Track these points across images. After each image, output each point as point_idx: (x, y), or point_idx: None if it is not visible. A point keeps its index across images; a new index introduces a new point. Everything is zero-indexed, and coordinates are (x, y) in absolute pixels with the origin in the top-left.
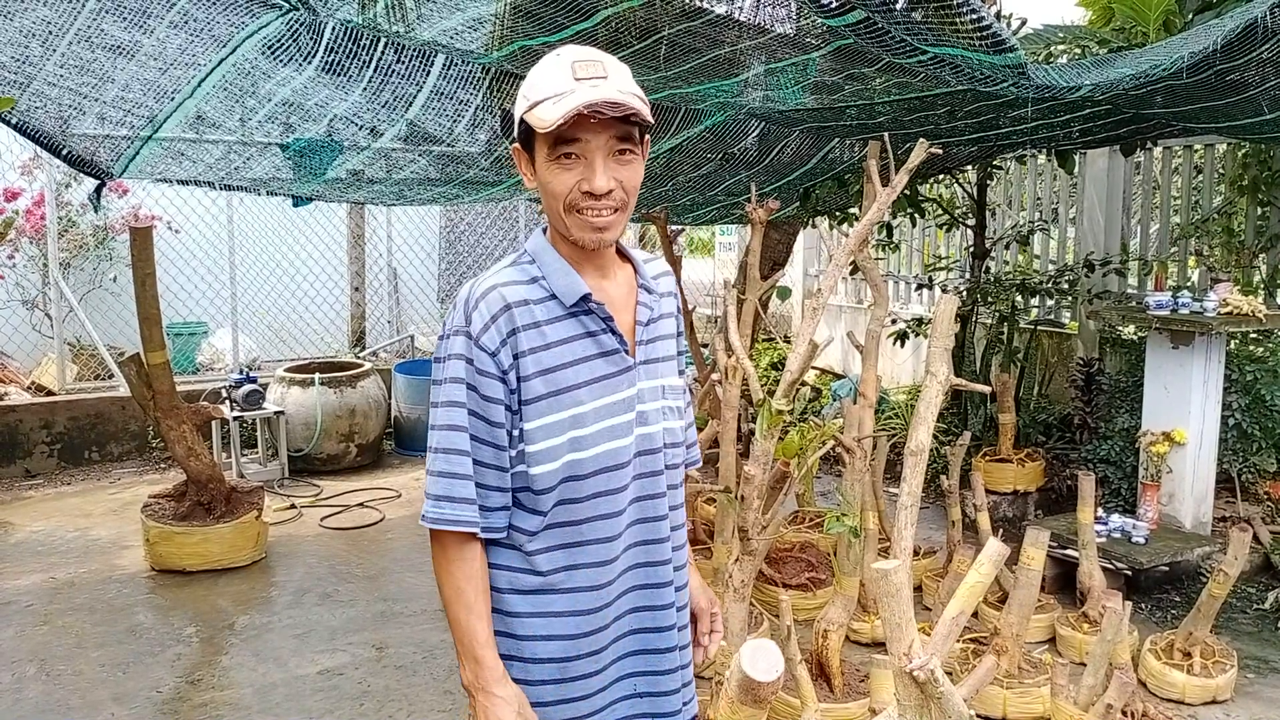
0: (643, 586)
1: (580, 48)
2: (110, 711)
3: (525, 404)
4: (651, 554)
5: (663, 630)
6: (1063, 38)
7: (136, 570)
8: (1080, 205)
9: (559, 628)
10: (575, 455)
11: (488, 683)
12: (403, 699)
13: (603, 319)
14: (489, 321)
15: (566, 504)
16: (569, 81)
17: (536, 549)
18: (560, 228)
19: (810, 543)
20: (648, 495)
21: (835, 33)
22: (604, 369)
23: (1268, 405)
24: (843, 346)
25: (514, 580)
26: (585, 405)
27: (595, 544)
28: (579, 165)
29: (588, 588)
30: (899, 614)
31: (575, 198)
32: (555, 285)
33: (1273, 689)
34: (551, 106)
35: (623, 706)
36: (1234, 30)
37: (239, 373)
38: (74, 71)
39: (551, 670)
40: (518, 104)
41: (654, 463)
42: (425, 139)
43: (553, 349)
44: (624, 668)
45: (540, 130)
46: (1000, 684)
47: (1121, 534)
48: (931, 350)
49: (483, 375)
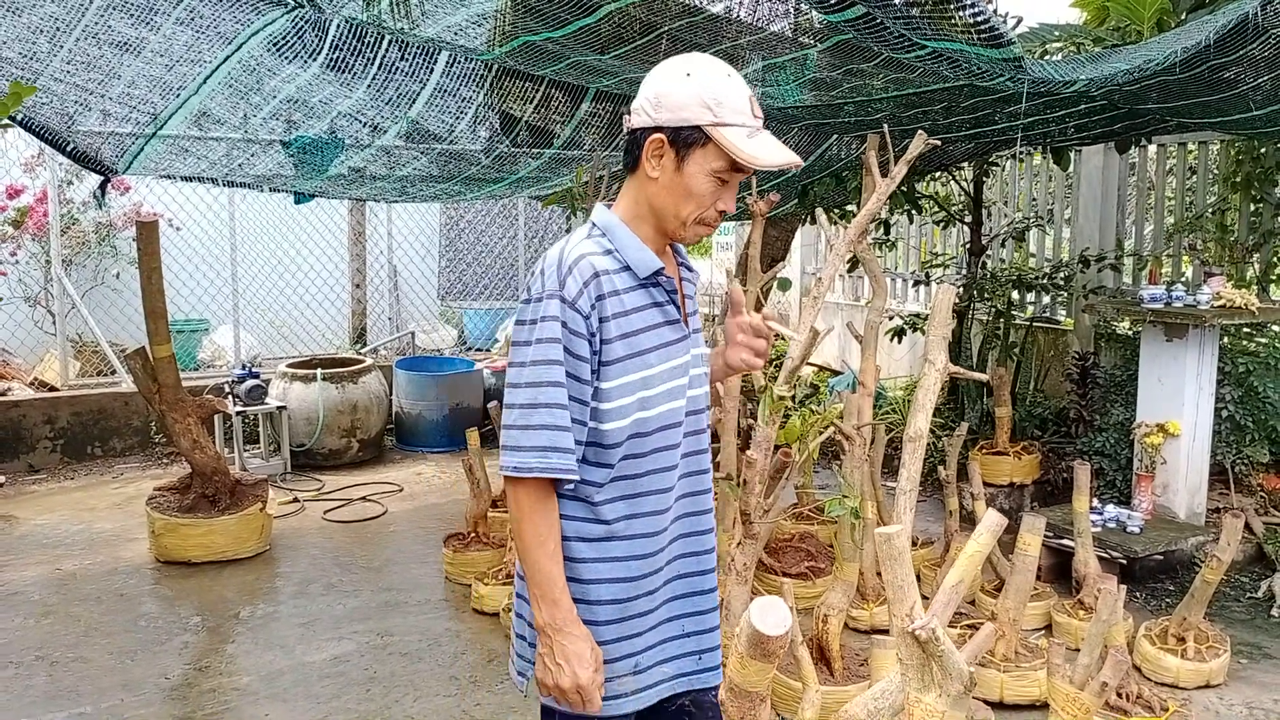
0: (689, 534)
1: (738, 76)
2: (119, 698)
3: (605, 364)
4: (697, 504)
5: (706, 573)
6: (1058, 36)
7: (141, 562)
8: (1075, 203)
9: (620, 572)
10: (642, 414)
11: (564, 622)
12: (408, 685)
13: (669, 291)
14: (582, 287)
15: (631, 459)
16: (750, 116)
17: (603, 500)
18: (673, 224)
19: (810, 533)
20: (695, 451)
21: (835, 28)
22: (669, 335)
23: (1260, 397)
24: (840, 343)
25: (580, 529)
26: (654, 368)
27: (654, 495)
28: (725, 187)
29: (646, 535)
30: (901, 577)
31: (709, 214)
32: (630, 258)
33: (1265, 674)
34: (749, 140)
35: (672, 646)
36: (1226, 25)
37: (241, 368)
38: (80, 68)
39: (613, 611)
40: (690, 107)
41: (699, 422)
42: (427, 137)
43: (630, 315)
44: (673, 609)
45: (746, 163)
46: (997, 668)
47: (1116, 524)
48: (930, 339)
49: (575, 336)
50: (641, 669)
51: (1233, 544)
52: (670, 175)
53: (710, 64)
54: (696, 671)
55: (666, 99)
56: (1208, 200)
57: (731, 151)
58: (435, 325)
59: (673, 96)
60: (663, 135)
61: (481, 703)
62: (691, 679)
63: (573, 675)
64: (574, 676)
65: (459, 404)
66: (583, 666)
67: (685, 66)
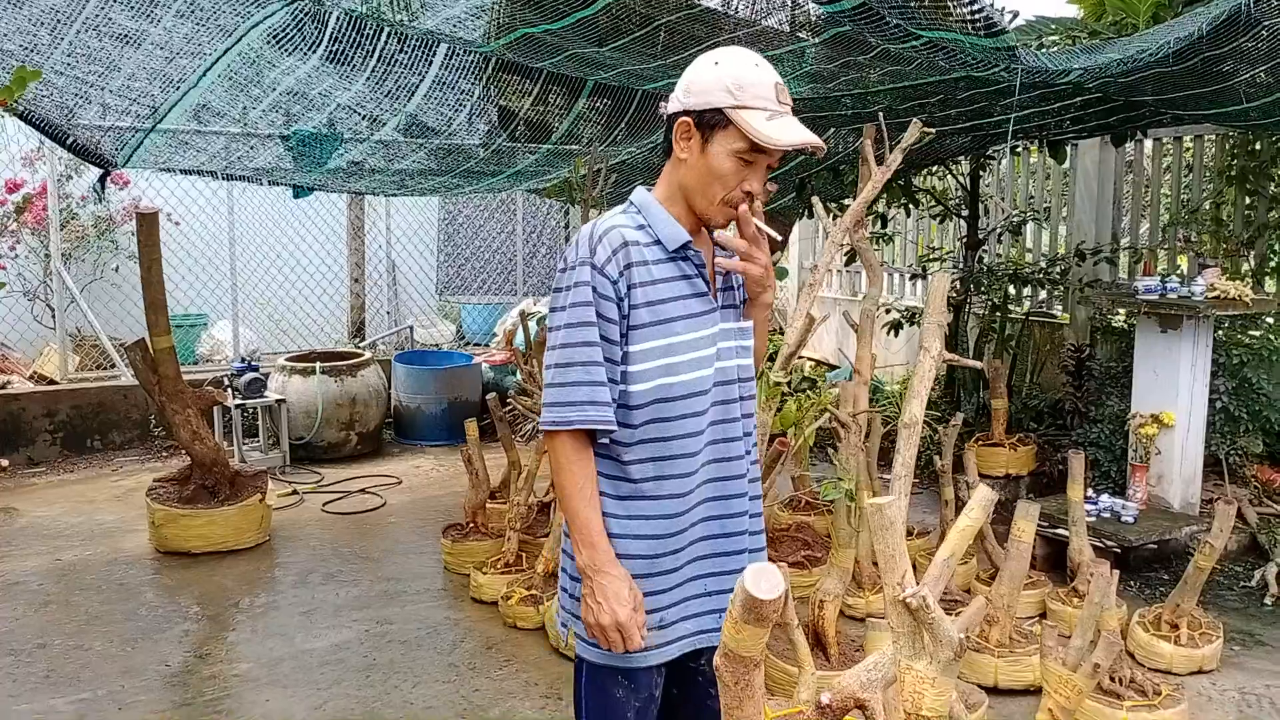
0: (718, 498)
1: (769, 66)
2: (119, 684)
3: (631, 329)
4: (726, 470)
5: (733, 535)
6: (1054, 29)
7: (141, 553)
8: (1072, 198)
9: (647, 529)
10: (666, 379)
11: (603, 564)
12: (407, 671)
13: (697, 265)
14: (611, 255)
15: (657, 422)
16: (776, 101)
17: (631, 459)
18: (702, 205)
19: (806, 523)
20: (724, 420)
21: (832, 20)
22: (696, 307)
23: (1254, 389)
24: (838, 338)
25: (614, 486)
26: (678, 336)
27: (681, 458)
28: (750, 168)
29: (673, 495)
30: (893, 545)
31: (736, 195)
32: (660, 233)
33: (1257, 660)
34: (768, 122)
35: (694, 604)
36: (1219, 17)
37: (240, 361)
38: (81, 60)
39: (640, 565)
40: (713, 91)
41: (729, 392)
42: (425, 130)
43: (657, 285)
44: (699, 568)
45: (762, 143)
46: (992, 653)
47: (1111, 513)
48: (925, 326)
49: (604, 299)
50: (666, 624)
51: (1225, 531)
52: (697, 157)
53: (740, 54)
54: (716, 629)
55: (694, 85)
56: (1203, 194)
57: (748, 131)
58: (434, 320)
59: (700, 82)
60: (689, 118)
61: (480, 689)
62: (710, 635)
63: (612, 612)
64: (613, 614)
65: (457, 398)
66: (621, 604)
67: (716, 56)
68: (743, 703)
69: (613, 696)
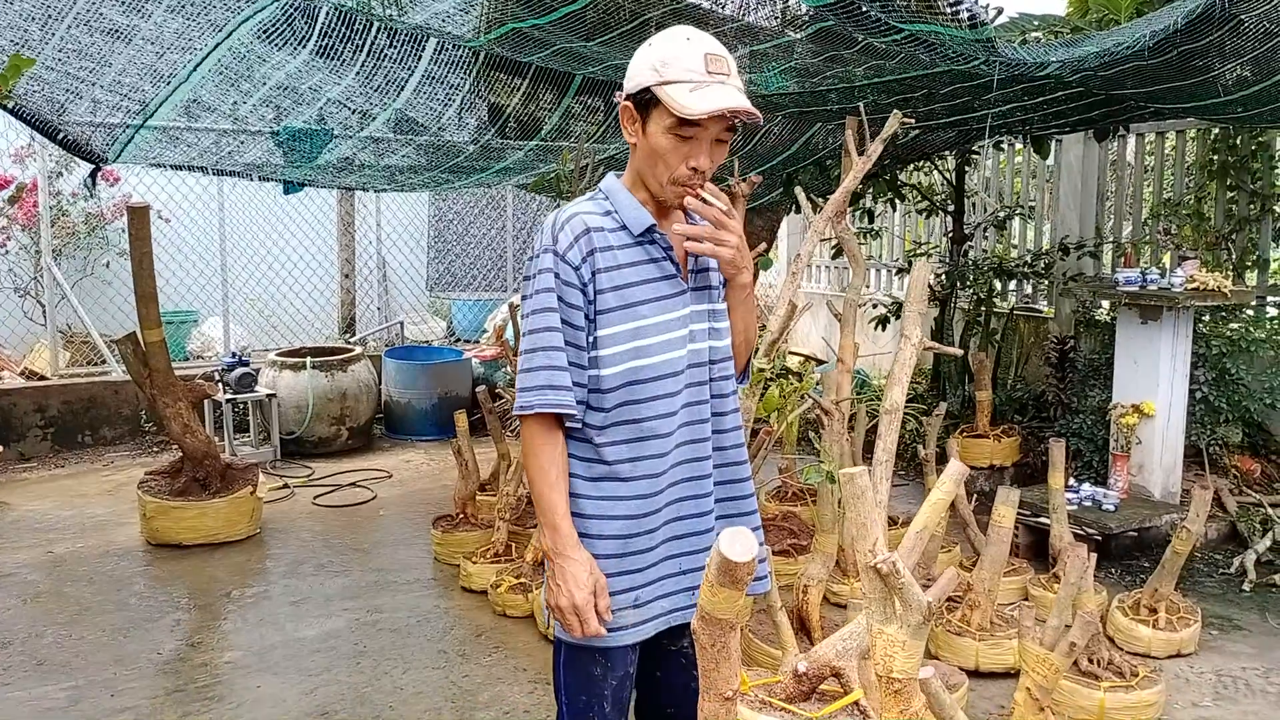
0: (691, 479)
1: (707, 38)
2: (111, 672)
3: (599, 314)
4: (698, 451)
5: (704, 515)
6: (1037, 25)
7: (133, 545)
8: (1056, 193)
9: (621, 509)
10: (637, 362)
11: (565, 547)
12: (398, 658)
13: (664, 248)
14: (573, 241)
15: (630, 404)
16: (703, 72)
17: (604, 441)
18: (655, 187)
19: (792, 513)
20: (696, 401)
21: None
22: (664, 290)
23: (1234, 379)
24: (825, 332)
25: (584, 468)
26: (647, 319)
27: (654, 439)
28: (690, 143)
29: (646, 476)
30: (864, 514)
31: (682, 173)
32: (626, 217)
33: (1234, 644)
34: (690, 94)
35: (669, 583)
36: (1194, 10)
37: (231, 356)
38: (72, 56)
39: (613, 546)
40: (642, 72)
41: (701, 374)
42: (415, 126)
43: (623, 269)
44: (672, 548)
45: (681, 115)
46: (973, 636)
47: (1092, 502)
48: (906, 314)
49: (567, 286)
50: (641, 603)
51: (1202, 515)
52: (641, 139)
53: (674, 31)
54: (689, 607)
55: (631, 69)
56: (1185, 187)
57: (668, 105)
58: (424, 316)
59: (634, 66)
60: (630, 103)
61: (470, 674)
62: (684, 614)
63: (569, 595)
64: (570, 596)
65: (447, 393)
66: (579, 588)
67: (651, 39)
68: (719, 664)
69: (590, 675)
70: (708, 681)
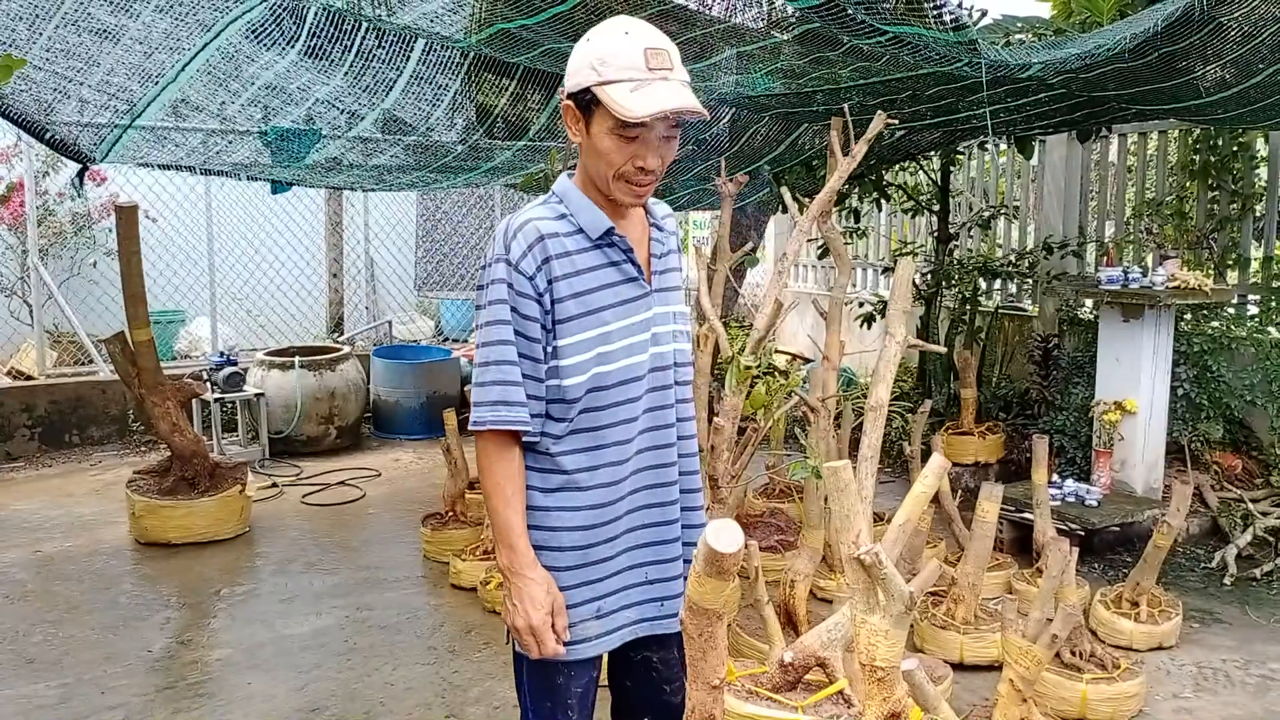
0: (653, 486)
1: (647, 30)
2: (102, 669)
3: (559, 323)
4: (662, 457)
5: (669, 523)
6: (1021, 27)
7: (121, 544)
8: (1040, 193)
9: (579, 520)
10: (601, 369)
11: (521, 566)
12: (388, 654)
13: (624, 250)
14: (526, 250)
15: (590, 411)
16: (643, 69)
17: (561, 451)
18: (603, 186)
19: (780, 510)
20: (659, 406)
21: (803, 17)
22: (627, 293)
23: (1215, 376)
24: (812, 331)
25: (540, 479)
26: (610, 325)
27: (613, 446)
28: (635, 143)
29: (605, 484)
30: (848, 506)
31: (628, 170)
32: (581, 220)
33: (1215, 637)
34: (631, 94)
35: (636, 592)
36: (1173, 14)
37: (219, 355)
38: (59, 55)
39: (574, 557)
40: (582, 70)
41: (664, 378)
42: (403, 126)
43: (583, 275)
44: (636, 556)
45: (622, 118)
46: (957, 630)
47: (1075, 498)
48: (890, 312)
49: (521, 297)
50: (604, 613)
51: (1182, 510)
52: (585, 140)
53: (612, 25)
54: (659, 617)
55: (570, 67)
56: (1167, 187)
57: (610, 107)
58: (412, 316)
59: (573, 63)
60: (571, 102)
61: (459, 670)
62: (654, 624)
63: (525, 615)
64: (527, 616)
65: (436, 392)
66: (535, 608)
67: (589, 33)
68: (706, 654)
69: (554, 683)
70: (695, 671)
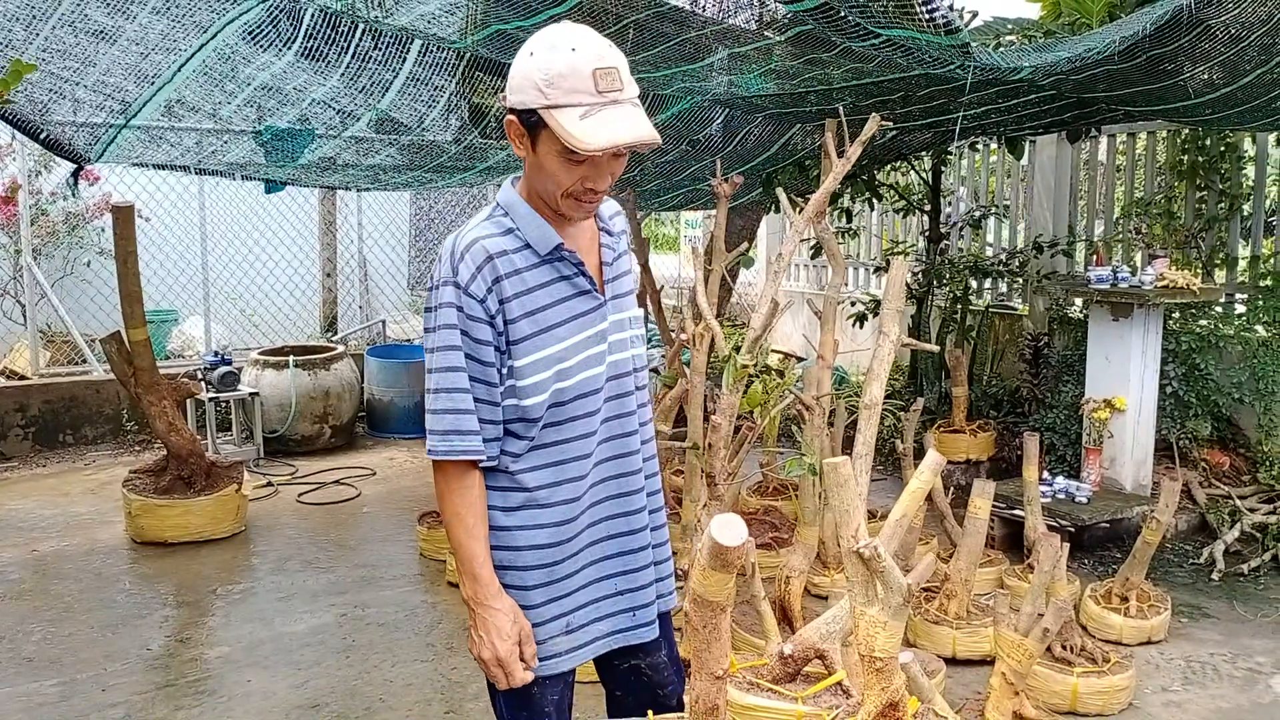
0: (616, 496)
1: (593, 43)
2: (101, 667)
3: (514, 343)
4: (623, 466)
5: (636, 532)
6: (1011, 29)
7: (118, 543)
8: (1030, 193)
9: (544, 537)
10: (560, 385)
11: (485, 597)
12: (386, 651)
13: (574, 264)
14: (475, 271)
15: (549, 427)
16: (593, 92)
17: (521, 469)
18: (550, 202)
19: (774, 507)
20: (618, 415)
21: (796, 19)
22: (581, 306)
23: (1203, 374)
24: (806, 330)
25: (504, 499)
26: (566, 341)
27: (574, 461)
28: (584, 165)
29: (568, 500)
30: (847, 501)
31: (577, 189)
32: (529, 236)
33: (1203, 631)
34: (581, 122)
35: (606, 604)
36: (1163, 16)
37: (213, 355)
38: (56, 56)
39: (540, 575)
40: (526, 89)
41: (623, 385)
42: (398, 126)
43: (534, 293)
44: (603, 569)
45: (571, 147)
46: (950, 625)
47: (1065, 495)
48: (884, 311)
49: (473, 320)
50: (574, 628)
51: (1171, 506)
52: (530, 155)
53: (556, 36)
54: (632, 628)
55: (513, 79)
56: (1155, 187)
57: (559, 134)
58: (406, 315)
59: (515, 77)
60: (515, 117)
61: (458, 666)
62: (627, 635)
63: (491, 647)
64: (493, 648)
65: None
66: (500, 639)
67: (532, 43)
68: (710, 645)
69: (528, 693)
70: (699, 662)
